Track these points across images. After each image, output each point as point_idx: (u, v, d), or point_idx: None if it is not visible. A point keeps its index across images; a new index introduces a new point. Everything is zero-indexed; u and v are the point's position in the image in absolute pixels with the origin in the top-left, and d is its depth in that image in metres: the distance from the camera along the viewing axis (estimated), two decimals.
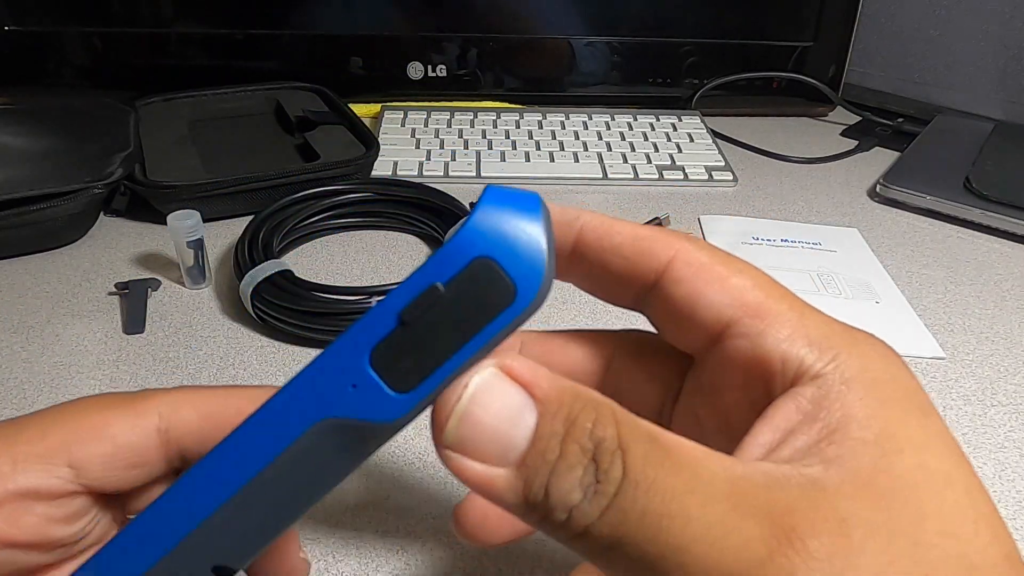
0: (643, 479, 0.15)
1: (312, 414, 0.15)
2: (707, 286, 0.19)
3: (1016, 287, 0.56)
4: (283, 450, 0.15)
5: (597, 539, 0.15)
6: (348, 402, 0.15)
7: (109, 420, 0.20)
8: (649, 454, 0.15)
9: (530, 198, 0.16)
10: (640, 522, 0.14)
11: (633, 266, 0.20)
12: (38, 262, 0.53)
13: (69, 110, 0.64)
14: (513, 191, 0.15)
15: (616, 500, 0.14)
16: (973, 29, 0.82)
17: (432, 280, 0.15)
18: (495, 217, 0.15)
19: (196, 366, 0.44)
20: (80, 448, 0.19)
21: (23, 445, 0.19)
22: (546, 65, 0.82)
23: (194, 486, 0.16)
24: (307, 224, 0.55)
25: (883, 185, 0.67)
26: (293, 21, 0.75)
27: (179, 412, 0.20)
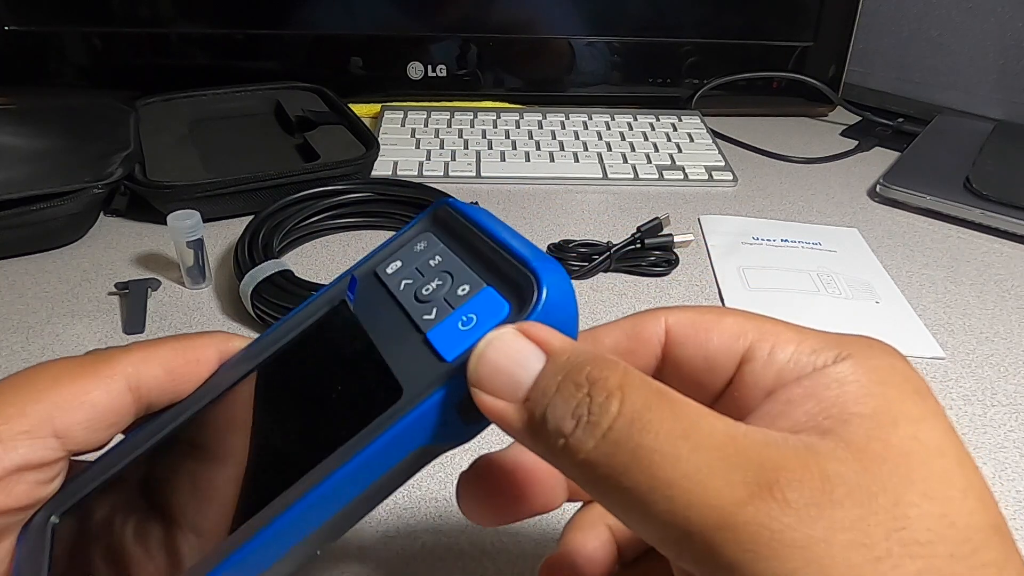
0: (639, 419, 0.16)
1: (412, 445, 0.19)
2: (711, 334, 0.21)
3: (1016, 287, 0.56)
4: (390, 469, 0.19)
5: (593, 468, 0.16)
6: (439, 435, 0.19)
7: (87, 387, 0.21)
8: (650, 401, 0.16)
9: (566, 277, 0.19)
10: (633, 455, 0.16)
11: (633, 357, 0.22)
12: (38, 262, 0.53)
13: (69, 110, 0.64)
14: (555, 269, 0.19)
15: (610, 433, 0.16)
16: (973, 29, 0.82)
17: None
18: (556, 299, 0.18)
19: None
20: (63, 418, 0.21)
21: (5, 424, 0.20)
22: (546, 65, 0.82)
23: (317, 499, 0.19)
24: (307, 224, 0.55)
25: (883, 185, 0.67)
26: (293, 21, 0.75)
27: (147, 370, 0.22)
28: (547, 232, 0.59)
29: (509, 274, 0.19)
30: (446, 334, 0.19)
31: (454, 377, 0.18)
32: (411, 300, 0.21)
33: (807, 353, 0.19)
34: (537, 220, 0.61)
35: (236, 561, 0.19)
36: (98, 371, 0.21)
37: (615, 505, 0.17)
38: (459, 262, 0.21)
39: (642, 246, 0.54)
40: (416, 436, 0.19)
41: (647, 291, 0.53)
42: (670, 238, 0.55)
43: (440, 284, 0.21)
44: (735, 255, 0.58)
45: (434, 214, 0.24)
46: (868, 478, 0.15)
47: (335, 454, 0.19)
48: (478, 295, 0.20)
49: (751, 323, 0.20)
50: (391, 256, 0.23)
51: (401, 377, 0.19)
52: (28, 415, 0.20)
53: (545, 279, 0.19)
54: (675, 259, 0.55)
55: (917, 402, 0.17)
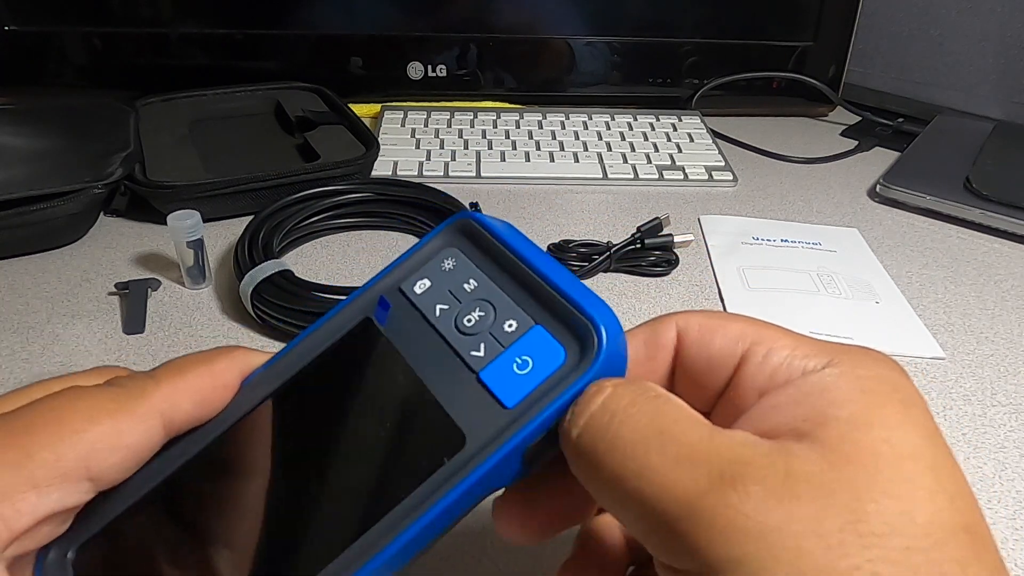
0: (620, 412, 0.18)
1: (483, 493, 0.19)
2: (714, 336, 0.22)
3: (1016, 287, 0.56)
4: (457, 518, 0.19)
5: (578, 454, 0.18)
6: (503, 481, 0.19)
7: (122, 429, 0.20)
8: (636, 400, 0.18)
9: (616, 322, 0.19)
10: (611, 444, 0.18)
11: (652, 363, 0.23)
12: (38, 262, 0.53)
13: (69, 110, 0.64)
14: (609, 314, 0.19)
15: (591, 420, 0.18)
16: (973, 29, 0.82)
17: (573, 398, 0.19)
18: (615, 349, 0.19)
19: None
20: (98, 461, 0.20)
21: (39, 471, 0.19)
22: (546, 65, 0.82)
23: (395, 552, 0.18)
24: (307, 224, 0.55)
25: (883, 185, 0.67)
26: (293, 21, 0.75)
27: (179, 406, 0.21)
28: (547, 232, 0.59)
29: (559, 313, 0.19)
30: (501, 376, 0.19)
31: (521, 428, 0.19)
32: (452, 330, 0.20)
33: (799, 358, 0.20)
34: (537, 220, 0.61)
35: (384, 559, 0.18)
36: (134, 410, 0.20)
37: (598, 495, 0.18)
38: (499, 291, 0.21)
39: (642, 246, 0.54)
40: (485, 486, 0.19)
41: (647, 291, 0.53)
42: (670, 238, 0.55)
43: (483, 316, 0.20)
44: (735, 255, 0.58)
45: (457, 227, 0.23)
46: (831, 476, 0.16)
47: (404, 506, 0.19)
48: (528, 334, 0.19)
49: (752, 327, 0.21)
50: (416, 273, 0.22)
51: (462, 423, 0.19)
52: (63, 459, 0.19)
53: (602, 324, 0.19)
54: (675, 259, 0.55)
55: (899, 410, 0.18)
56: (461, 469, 0.18)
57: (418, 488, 0.19)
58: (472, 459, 0.18)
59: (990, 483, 0.39)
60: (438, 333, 0.21)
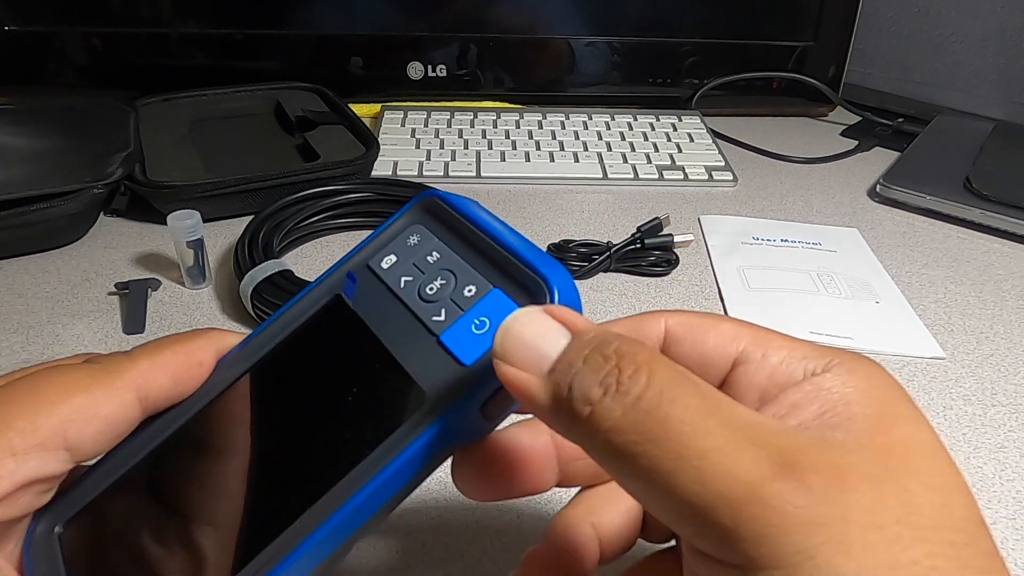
0: (668, 391, 0.17)
1: (443, 447, 0.20)
2: (707, 335, 0.21)
3: (1016, 287, 0.56)
4: (419, 472, 0.20)
5: (620, 436, 0.16)
6: (464, 435, 0.20)
7: (98, 400, 0.21)
8: (678, 378, 0.17)
9: (570, 279, 0.20)
10: (663, 425, 0.16)
11: None
12: (38, 262, 0.53)
13: (69, 110, 0.64)
14: (561, 272, 0.20)
15: (639, 402, 0.16)
16: (973, 29, 0.82)
17: None
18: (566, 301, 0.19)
19: None
20: (75, 431, 0.20)
21: (17, 438, 0.20)
22: (546, 65, 0.82)
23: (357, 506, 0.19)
24: (307, 224, 0.55)
25: (883, 185, 0.67)
26: (293, 21, 0.75)
27: (155, 380, 0.22)
28: (547, 232, 0.59)
29: (515, 276, 0.20)
30: (460, 337, 0.20)
31: (477, 382, 0.19)
32: (415, 299, 0.21)
33: (798, 360, 0.20)
34: (537, 220, 0.61)
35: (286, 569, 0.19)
36: (110, 383, 0.21)
37: (637, 478, 0.17)
38: (459, 260, 0.21)
39: (642, 246, 0.54)
40: (445, 440, 0.19)
41: (647, 291, 0.53)
42: (670, 238, 0.55)
43: (444, 284, 0.21)
44: (735, 255, 0.58)
45: (422, 205, 0.24)
46: (877, 467, 0.16)
47: (368, 461, 0.19)
48: (486, 297, 0.20)
49: (745, 328, 0.21)
50: (382, 249, 0.23)
51: (422, 382, 0.20)
52: (40, 428, 0.20)
53: (555, 283, 0.19)
54: (675, 259, 0.55)
55: (908, 407, 0.18)
56: (420, 423, 0.19)
57: (380, 445, 0.19)
58: (430, 413, 0.19)
59: (990, 483, 0.39)
60: (402, 303, 0.21)
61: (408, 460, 0.19)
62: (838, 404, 0.18)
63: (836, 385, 0.19)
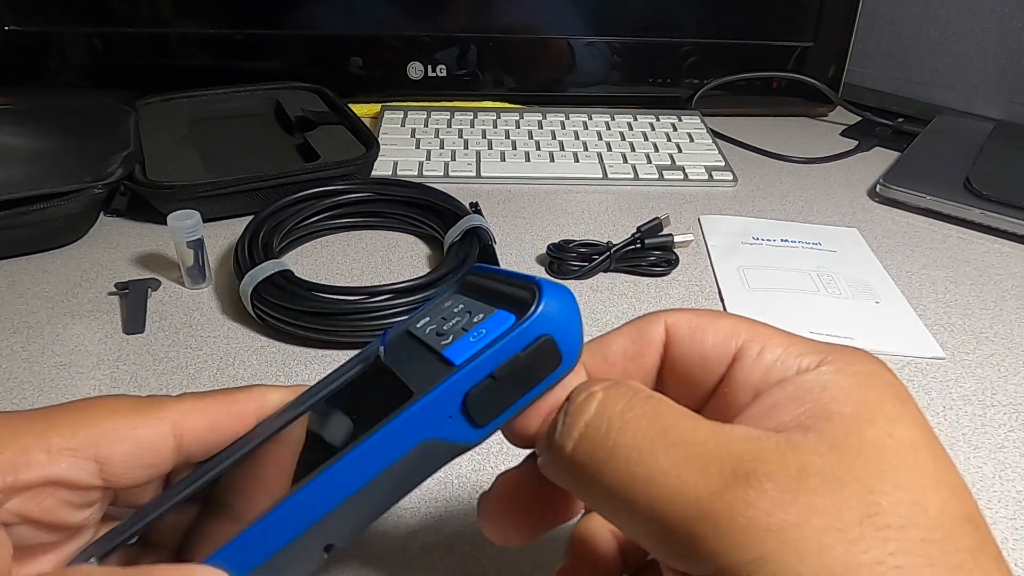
0: (617, 418, 0.17)
1: (420, 435, 0.20)
2: (706, 333, 0.22)
3: (1016, 287, 0.56)
4: (395, 460, 0.20)
5: (575, 468, 0.18)
6: (445, 429, 0.20)
7: (135, 423, 0.22)
8: (632, 403, 0.18)
9: (570, 294, 0.21)
10: (611, 453, 0.17)
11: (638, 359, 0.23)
12: (38, 262, 0.53)
13: (69, 110, 0.64)
14: (559, 287, 0.21)
15: (587, 430, 0.18)
16: (973, 29, 0.82)
17: (514, 349, 0.20)
18: (555, 306, 0.20)
19: (196, 366, 0.44)
20: (108, 446, 0.21)
21: (57, 438, 0.21)
22: (546, 65, 0.82)
23: (321, 487, 0.20)
24: (307, 224, 0.55)
25: (883, 185, 0.67)
26: (293, 21, 0.75)
27: (190, 420, 0.23)
28: (547, 232, 0.59)
29: (516, 295, 0.21)
30: (459, 348, 0.21)
31: (459, 371, 0.20)
32: (433, 336, 0.23)
33: (794, 356, 0.20)
34: (537, 220, 0.61)
35: (244, 541, 0.20)
36: (150, 411, 0.22)
37: (600, 505, 0.18)
38: (477, 302, 0.23)
39: (642, 246, 0.54)
40: (420, 427, 0.20)
41: (647, 291, 0.53)
42: (670, 238, 0.55)
43: (459, 320, 0.22)
44: (735, 255, 0.58)
45: (463, 280, 0.26)
46: (842, 468, 0.16)
47: (344, 448, 0.20)
48: (490, 317, 0.21)
49: (744, 325, 0.21)
50: (423, 317, 0.25)
51: (412, 384, 0.21)
52: (77, 435, 0.21)
53: (545, 288, 0.20)
54: (675, 259, 0.55)
55: (896, 405, 0.18)
56: (397, 412, 0.20)
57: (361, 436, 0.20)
58: (407, 403, 0.20)
59: (990, 483, 0.39)
60: (422, 343, 0.23)
61: (380, 441, 0.20)
62: (818, 403, 0.18)
63: (821, 383, 0.18)
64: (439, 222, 0.55)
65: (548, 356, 0.21)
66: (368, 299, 0.45)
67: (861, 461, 0.16)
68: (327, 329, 0.45)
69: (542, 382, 0.21)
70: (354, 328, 0.45)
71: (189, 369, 0.44)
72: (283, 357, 0.45)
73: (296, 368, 0.44)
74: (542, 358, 0.21)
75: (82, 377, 0.43)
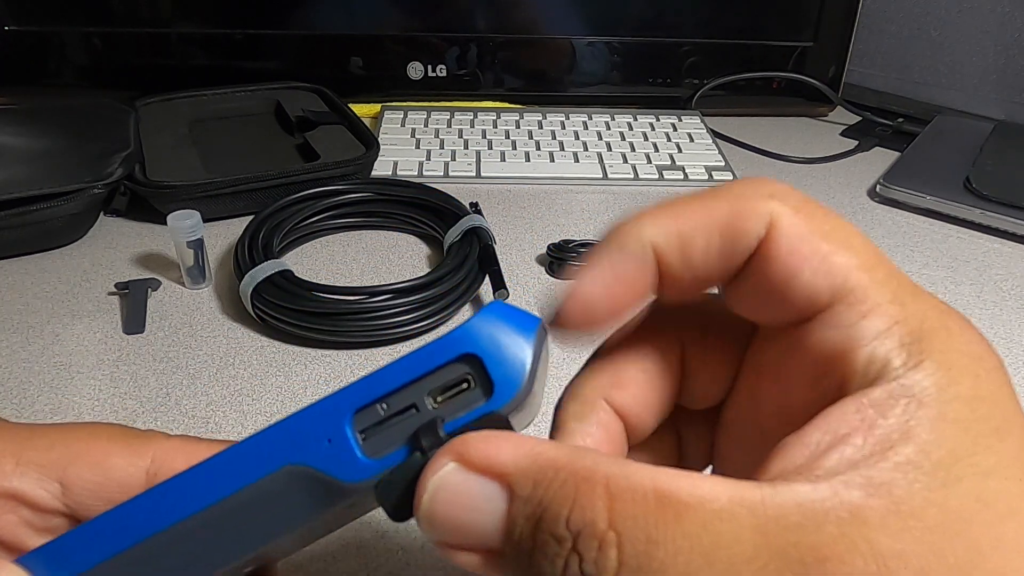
0: (645, 557, 0.13)
1: (283, 457, 0.16)
2: (805, 264, 0.16)
3: (1016, 287, 0.56)
4: (248, 484, 0.16)
5: None
6: (319, 454, 0.16)
7: (110, 451, 0.21)
8: (655, 527, 0.14)
9: (529, 319, 0.17)
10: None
11: (724, 260, 0.17)
12: (38, 262, 0.53)
13: (69, 110, 0.64)
14: (516, 310, 0.17)
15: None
16: (973, 29, 0.82)
17: (425, 366, 0.16)
18: (492, 325, 0.16)
19: (196, 366, 0.44)
20: (75, 470, 0.20)
21: (30, 450, 0.20)
22: (546, 65, 0.82)
23: (155, 500, 0.17)
24: (307, 224, 0.55)
25: (883, 185, 0.67)
26: (293, 21, 0.75)
27: (171, 460, 0.21)
28: (547, 232, 0.59)
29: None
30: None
31: (350, 386, 0.16)
32: None
33: (893, 340, 0.15)
34: (537, 220, 0.61)
35: (67, 542, 0.18)
36: (131, 442, 0.21)
37: None
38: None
39: None
40: (286, 445, 0.16)
41: None
42: None
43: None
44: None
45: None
46: (930, 555, 0.13)
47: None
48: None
49: (862, 271, 0.17)
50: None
51: None
52: (51, 452, 0.20)
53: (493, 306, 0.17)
54: None
55: (993, 444, 0.14)
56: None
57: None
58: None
59: None
60: None
61: (230, 458, 0.16)
62: (896, 443, 0.14)
63: (906, 407, 0.14)
64: (439, 222, 0.55)
65: (471, 383, 0.16)
66: (368, 299, 0.45)
67: (948, 542, 0.13)
68: (327, 329, 0.45)
69: (461, 416, 0.16)
70: (354, 328, 0.45)
71: (189, 369, 0.44)
72: (283, 357, 0.45)
73: (296, 368, 0.44)
74: (462, 382, 0.16)
75: (82, 377, 0.43)
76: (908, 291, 0.17)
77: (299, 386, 0.43)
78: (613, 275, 0.17)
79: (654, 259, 0.17)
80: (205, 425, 0.40)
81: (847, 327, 0.16)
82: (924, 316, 0.16)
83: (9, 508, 0.20)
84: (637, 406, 0.20)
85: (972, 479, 0.14)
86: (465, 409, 0.16)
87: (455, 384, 0.16)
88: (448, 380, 0.16)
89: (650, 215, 0.18)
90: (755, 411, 0.19)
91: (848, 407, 0.15)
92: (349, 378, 0.44)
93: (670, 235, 0.17)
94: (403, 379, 0.16)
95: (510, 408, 0.16)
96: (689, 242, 0.17)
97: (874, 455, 0.14)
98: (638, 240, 0.17)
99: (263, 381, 0.43)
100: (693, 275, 0.17)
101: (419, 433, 0.16)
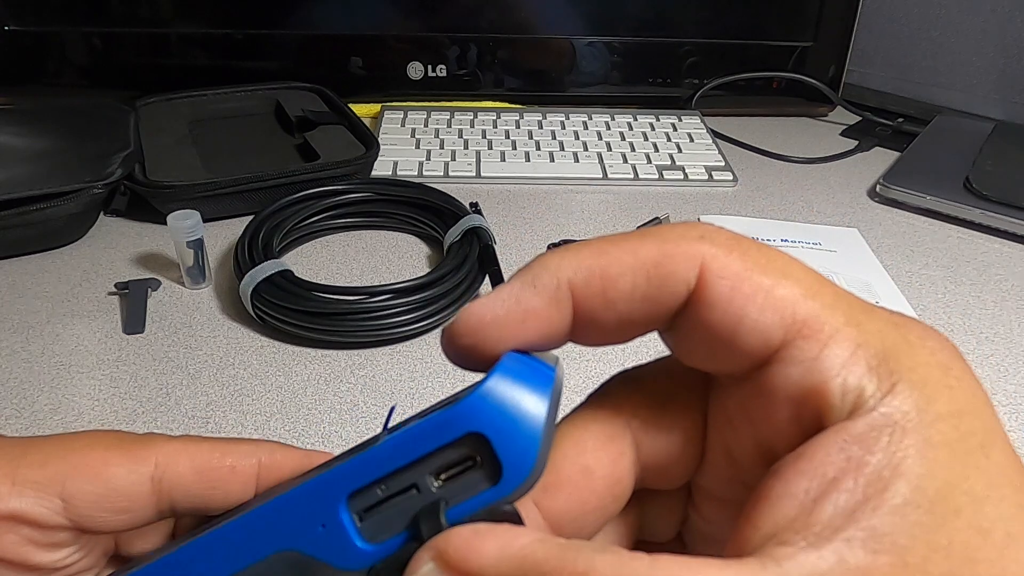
0: None
1: (276, 542, 0.15)
2: (749, 303, 0.15)
3: (1016, 287, 0.56)
4: (241, 568, 0.15)
5: None
6: (314, 540, 0.15)
7: (109, 460, 0.20)
8: None
9: (543, 377, 0.15)
10: None
11: (650, 305, 0.16)
12: (38, 262, 0.53)
13: (69, 110, 0.64)
14: (530, 365, 0.15)
15: None
16: (973, 29, 0.82)
17: (423, 447, 0.15)
18: (502, 393, 0.15)
19: (196, 366, 0.44)
20: (74, 484, 0.20)
21: (24, 468, 0.19)
22: (546, 65, 0.82)
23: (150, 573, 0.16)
24: (307, 224, 0.55)
25: (883, 185, 0.67)
26: (293, 21, 0.75)
27: (175, 464, 0.20)
28: (547, 232, 0.59)
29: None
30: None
31: (341, 465, 0.15)
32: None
33: (860, 368, 0.15)
34: (537, 220, 0.61)
35: None
36: (131, 449, 0.20)
37: None
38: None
39: None
40: (276, 530, 0.15)
41: None
42: None
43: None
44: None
45: None
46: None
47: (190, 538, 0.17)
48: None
49: (806, 300, 0.15)
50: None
51: None
52: (46, 468, 0.20)
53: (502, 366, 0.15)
54: None
55: (980, 462, 0.14)
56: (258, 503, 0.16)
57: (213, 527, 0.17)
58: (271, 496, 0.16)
59: None
60: None
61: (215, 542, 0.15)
62: (888, 483, 0.14)
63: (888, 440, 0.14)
64: (439, 222, 0.55)
65: (477, 465, 0.15)
66: (368, 299, 0.45)
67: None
68: (327, 329, 0.45)
69: (463, 503, 0.15)
70: (354, 328, 0.45)
71: (189, 369, 0.44)
72: (283, 357, 0.45)
73: (296, 368, 0.44)
74: (467, 459, 0.15)
75: (82, 377, 0.43)
76: (859, 309, 0.16)
77: (299, 386, 0.43)
78: (516, 303, 0.16)
79: (569, 296, 0.16)
80: (205, 425, 0.40)
81: (811, 361, 0.15)
82: (883, 333, 0.15)
83: (10, 528, 0.19)
84: (573, 510, 0.17)
85: (969, 509, 0.14)
86: (469, 493, 0.15)
87: (460, 462, 0.15)
88: (452, 459, 0.15)
89: (573, 251, 0.16)
90: (733, 465, 0.18)
91: (831, 446, 0.14)
92: (349, 378, 0.44)
93: (592, 274, 0.16)
94: (403, 460, 0.15)
95: (519, 495, 0.15)
96: (612, 283, 0.16)
97: (869, 499, 0.14)
98: (553, 275, 0.16)
99: (263, 381, 0.43)
100: (617, 317, 0.16)
101: (419, 518, 0.15)
